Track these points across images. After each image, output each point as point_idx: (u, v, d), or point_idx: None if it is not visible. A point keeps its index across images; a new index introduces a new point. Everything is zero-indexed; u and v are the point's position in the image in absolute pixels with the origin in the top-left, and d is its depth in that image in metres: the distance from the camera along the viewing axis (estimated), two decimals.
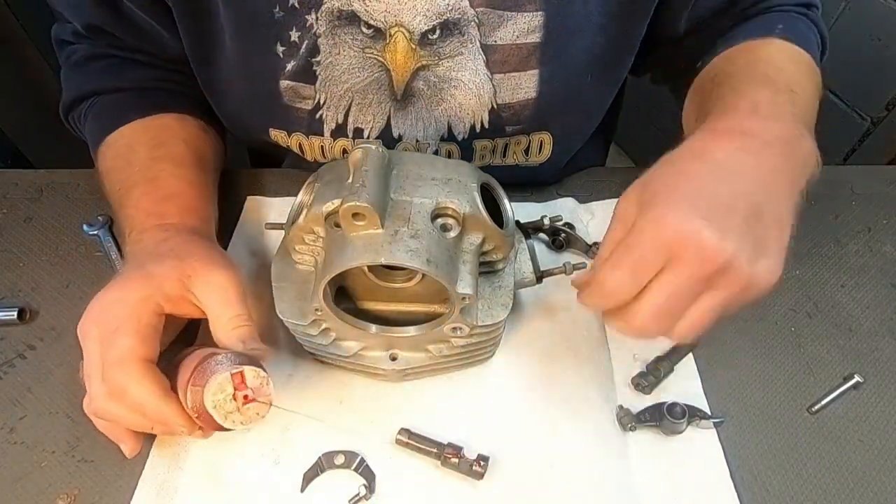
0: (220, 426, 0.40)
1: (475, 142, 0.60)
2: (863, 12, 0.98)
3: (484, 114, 0.57)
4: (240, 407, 0.39)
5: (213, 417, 0.39)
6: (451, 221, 0.42)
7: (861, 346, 0.53)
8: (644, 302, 0.37)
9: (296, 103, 0.56)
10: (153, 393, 0.40)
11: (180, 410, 0.40)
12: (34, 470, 0.46)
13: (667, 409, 0.47)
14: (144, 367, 0.40)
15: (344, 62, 0.53)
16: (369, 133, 0.58)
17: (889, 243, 0.62)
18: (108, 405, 0.41)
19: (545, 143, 0.61)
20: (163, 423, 0.41)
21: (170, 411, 0.40)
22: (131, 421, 0.42)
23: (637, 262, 0.36)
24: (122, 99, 0.59)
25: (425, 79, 0.54)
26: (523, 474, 0.45)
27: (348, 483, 0.45)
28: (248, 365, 0.40)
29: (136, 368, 0.40)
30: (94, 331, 0.42)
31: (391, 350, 0.48)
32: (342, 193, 0.39)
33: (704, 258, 0.35)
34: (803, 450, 0.47)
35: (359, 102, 0.55)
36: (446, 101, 0.55)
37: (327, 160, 0.60)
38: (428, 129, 0.58)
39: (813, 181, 0.43)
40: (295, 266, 0.46)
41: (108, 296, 0.43)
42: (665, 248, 0.36)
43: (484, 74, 0.53)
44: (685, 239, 0.35)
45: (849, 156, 1.10)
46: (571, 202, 0.63)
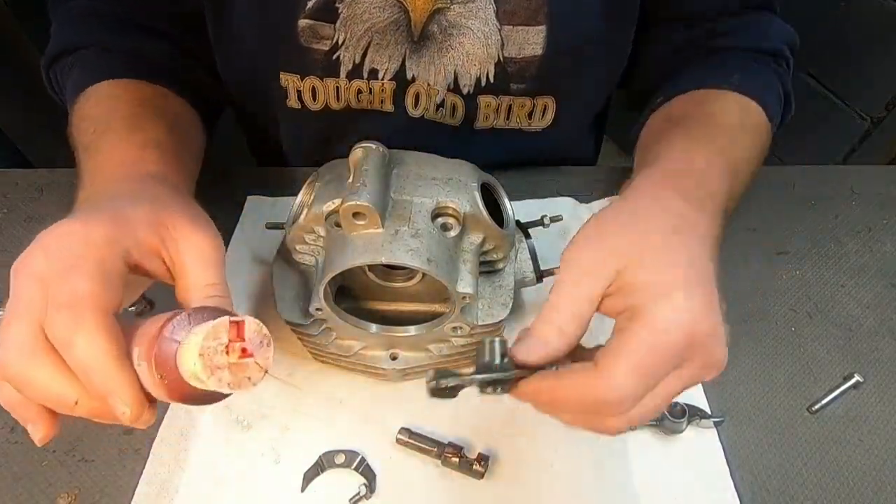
0: (191, 392, 0.30)
1: (480, 97, 0.60)
2: (863, 12, 0.98)
3: (490, 66, 0.57)
4: (230, 364, 0.30)
5: (185, 378, 0.30)
6: (452, 221, 0.42)
7: (861, 345, 0.53)
8: (645, 407, 0.32)
9: (312, 44, 0.56)
10: (108, 352, 0.30)
11: (134, 381, 0.31)
12: (34, 470, 0.46)
13: (667, 408, 0.47)
14: (103, 317, 0.31)
15: (366, 1, 0.53)
16: (384, 74, 0.58)
17: (889, 243, 0.62)
18: (30, 363, 0.31)
19: (549, 108, 0.62)
20: (103, 397, 0.31)
21: (123, 380, 0.30)
22: (55, 390, 0.31)
23: (657, 367, 0.32)
24: (115, 58, 0.57)
25: (438, 23, 0.55)
26: (523, 474, 0.45)
27: (349, 482, 0.45)
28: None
29: (92, 317, 0.30)
30: (38, 265, 0.32)
31: (391, 350, 0.48)
32: (342, 193, 0.39)
33: (714, 363, 0.33)
34: (803, 449, 0.47)
35: (377, 43, 0.56)
36: (454, 48, 0.56)
37: (339, 104, 0.61)
38: (438, 76, 0.58)
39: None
40: (295, 266, 0.46)
41: (65, 229, 0.34)
42: (685, 349, 0.32)
43: (493, 24, 0.54)
44: (706, 340, 0.32)
45: (849, 156, 1.10)
46: (571, 202, 0.64)
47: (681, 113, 0.54)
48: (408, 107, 0.61)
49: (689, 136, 0.48)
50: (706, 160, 0.44)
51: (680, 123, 0.51)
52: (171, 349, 0.30)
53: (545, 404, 0.34)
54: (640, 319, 0.32)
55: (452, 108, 0.61)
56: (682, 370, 0.33)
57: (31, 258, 0.33)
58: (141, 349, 0.31)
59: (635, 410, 0.32)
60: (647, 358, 0.31)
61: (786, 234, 0.62)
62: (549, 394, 0.33)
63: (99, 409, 0.32)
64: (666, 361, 0.32)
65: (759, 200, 0.64)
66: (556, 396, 0.32)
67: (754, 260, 0.60)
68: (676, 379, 0.33)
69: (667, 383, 0.32)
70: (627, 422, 0.32)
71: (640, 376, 0.31)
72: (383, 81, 0.59)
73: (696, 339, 0.32)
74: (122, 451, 0.46)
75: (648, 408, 0.32)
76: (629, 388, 0.31)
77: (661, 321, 0.32)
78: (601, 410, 0.32)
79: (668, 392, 0.33)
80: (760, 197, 0.64)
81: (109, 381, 0.30)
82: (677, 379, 0.33)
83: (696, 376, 0.33)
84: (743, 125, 0.52)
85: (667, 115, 0.56)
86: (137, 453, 0.46)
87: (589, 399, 0.31)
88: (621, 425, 0.33)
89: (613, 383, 0.30)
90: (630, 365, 0.31)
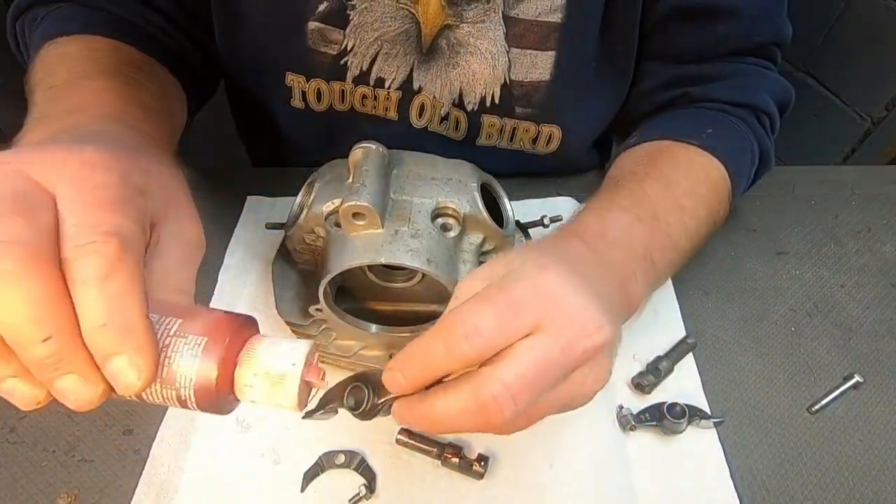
0: (214, 399, 0.27)
1: (483, 115, 0.60)
2: (863, 12, 0.98)
3: (496, 87, 0.57)
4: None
5: (232, 386, 0.27)
6: (452, 221, 0.42)
7: (861, 345, 0.53)
8: (504, 368, 0.30)
9: (321, 47, 0.56)
10: (141, 304, 0.24)
11: (157, 346, 0.25)
12: (34, 470, 0.46)
13: (667, 408, 0.47)
14: (140, 266, 0.26)
15: (378, 9, 0.53)
16: (390, 84, 0.58)
17: (889, 243, 0.62)
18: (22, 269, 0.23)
19: (554, 136, 0.62)
20: (97, 356, 0.24)
21: (149, 339, 0.24)
22: (24, 322, 0.23)
23: (509, 308, 0.30)
24: (104, 17, 0.52)
25: (447, 38, 0.54)
26: (523, 474, 0.45)
27: (349, 483, 0.45)
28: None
29: (132, 259, 0.25)
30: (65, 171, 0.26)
31: (391, 350, 0.48)
32: (342, 193, 0.39)
33: (584, 328, 0.31)
34: (803, 450, 0.47)
35: (386, 52, 0.56)
36: (461, 65, 0.56)
37: (344, 106, 0.60)
38: (444, 89, 0.58)
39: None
40: (295, 266, 0.46)
41: (89, 157, 0.27)
42: (542, 304, 0.31)
43: (501, 46, 0.54)
44: (567, 297, 0.32)
45: (849, 156, 1.10)
46: (571, 202, 0.64)
47: (636, 167, 0.53)
48: (412, 117, 0.61)
49: (630, 200, 0.47)
50: (629, 229, 0.44)
51: (631, 181, 0.50)
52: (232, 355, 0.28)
53: (409, 370, 0.32)
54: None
55: (456, 122, 0.61)
56: (542, 322, 0.31)
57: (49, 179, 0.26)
58: (192, 325, 0.27)
59: (505, 367, 0.30)
60: (493, 292, 0.31)
61: (786, 234, 0.62)
62: (411, 352, 0.31)
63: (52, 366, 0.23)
64: (514, 299, 0.31)
65: (759, 200, 0.64)
66: (417, 351, 0.31)
67: (754, 260, 0.60)
68: (540, 333, 0.30)
69: (530, 339, 0.30)
70: (502, 385, 0.30)
71: (489, 307, 0.30)
72: (389, 90, 0.58)
73: (546, 289, 0.31)
74: (122, 452, 0.46)
75: (520, 365, 0.30)
76: (475, 314, 0.30)
77: (511, 274, 0.32)
78: (456, 350, 0.30)
79: (532, 347, 0.30)
80: (760, 197, 0.64)
81: (133, 335, 0.24)
82: (541, 333, 0.30)
83: (563, 335, 0.31)
84: (696, 193, 0.50)
85: (632, 159, 0.55)
86: (137, 454, 0.46)
87: (442, 337, 0.30)
88: (497, 390, 0.30)
89: (461, 313, 0.30)
90: (477, 298, 0.31)
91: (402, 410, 0.33)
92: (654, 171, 0.50)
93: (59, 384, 0.24)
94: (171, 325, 0.27)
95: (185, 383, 0.26)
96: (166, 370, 0.26)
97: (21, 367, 0.24)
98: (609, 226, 0.43)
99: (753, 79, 0.57)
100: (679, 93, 0.58)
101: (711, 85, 0.57)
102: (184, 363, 0.26)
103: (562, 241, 0.41)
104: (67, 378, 0.24)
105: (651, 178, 0.49)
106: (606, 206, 0.46)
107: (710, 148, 0.53)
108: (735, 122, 0.56)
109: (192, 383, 0.26)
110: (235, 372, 0.27)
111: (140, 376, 0.24)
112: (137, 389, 0.25)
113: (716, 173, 0.53)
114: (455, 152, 0.62)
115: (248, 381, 0.27)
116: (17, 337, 0.23)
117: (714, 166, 0.53)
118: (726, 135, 0.55)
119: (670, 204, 0.48)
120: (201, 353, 0.26)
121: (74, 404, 0.24)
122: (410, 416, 0.32)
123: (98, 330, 0.23)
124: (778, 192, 0.66)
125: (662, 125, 0.58)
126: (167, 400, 0.27)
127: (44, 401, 0.25)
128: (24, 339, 0.23)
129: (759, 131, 0.57)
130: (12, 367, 0.24)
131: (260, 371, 0.27)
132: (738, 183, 0.55)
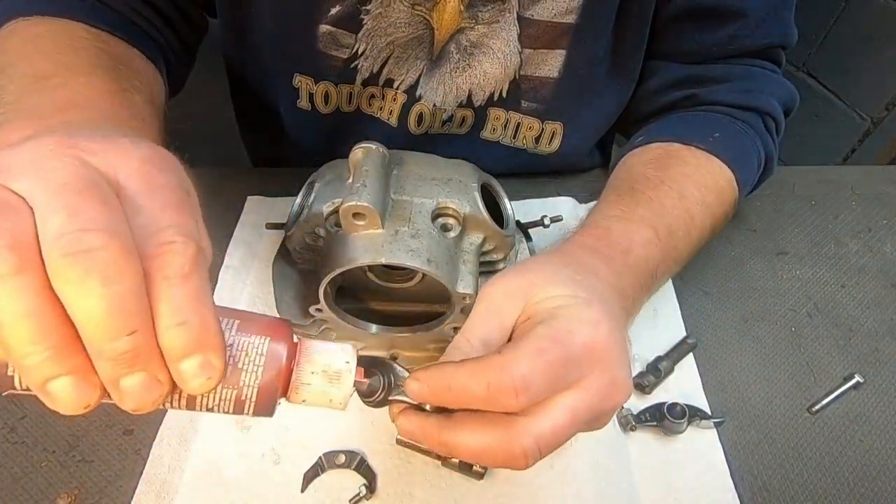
0: (267, 401, 0.27)
1: (490, 109, 0.60)
2: (863, 12, 0.98)
3: (505, 84, 0.57)
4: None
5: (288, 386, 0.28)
6: (452, 221, 0.42)
7: (861, 346, 0.53)
8: (540, 423, 0.30)
9: (331, 51, 0.55)
10: (210, 300, 0.24)
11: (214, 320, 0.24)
12: (34, 470, 0.46)
13: (667, 409, 0.47)
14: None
15: (392, 15, 0.53)
16: (399, 85, 0.58)
17: (889, 243, 0.62)
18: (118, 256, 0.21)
19: (556, 134, 0.62)
20: (173, 356, 0.23)
21: (220, 333, 0.24)
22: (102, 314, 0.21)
23: (563, 367, 0.31)
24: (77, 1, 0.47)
25: (457, 42, 0.54)
26: (523, 474, 0.45)
27: (349, 483, 0.45)
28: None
29: (203, 257, 0.24)
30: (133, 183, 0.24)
31: (392, 350, 0.48)
32: (342, 193, 0.39)
33: (618, 391, 0.32)
34: (803, 450, 0.47)
35: (397, 56, 0.56)
36: (473, 67, 0.56)
37: (350, 107, 0.60)
38: (448, 96, 0.58)
39: None
40: (295, 266, 0.46)
41: (152, 151, 0.26)
42: (590, 362, 0.31)
43: (514, 46, 0.54)
44: (613, 359, 0.32)
45: (849, 156, 1.10)
46: (571, 202, 0.63)
47: (647, 170, 0.53)
48: (410, 124, 0.61)
49: (648, 209, 0.47)
50: (637, 237, 0.44)
51: (645, 187, 0.50)
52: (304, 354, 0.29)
53: (440, 392, 0.31)
54: (543, 322, 0.32)
55: (462, 119, 0.61)
56: (585, 381, 0.31)
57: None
58: (246, 324, 0.27)
59: (542, 422, 0.30)
60: (549, 345, 0.31)
61: (786, 234, 0.62)
62: (447, 378, 0.31)
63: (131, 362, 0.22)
64: (568, 358, 0.31)
65: (759, 200, 0.64)
66: (454, 381, 0.30)
67: (754, 260, 0.60)
68: (581, 391, 0.31)
69: (571, 396, 0.31)
70: (535, 439, 0.30)
71: (543, 362, 0.30)
72: (396, 91, 0.58)
73: (597, 349, 0.32)
74: (123, 452, 0.46)
75: (556, 421, 0.31)
76: (529, 368, 0.30)
77: (565, 321, 0.32)
78: (501, 398, 0.30)
79: (572, 406, 0.31)
80: (760, 197, 0.64)
81: (210, 334, 0.23)
82: (582, 391, 0.31)
83: (600, 395, 0.32)
84: (704, 202, 0.50)
85: (641, 161, 0.55)
86: (137, 454, 0.46)
87: (488, 380, 0.30)
88: (529, 444, 0.30)
89: (514, 363, 0.30)
90: (532, 349, 0.31)
91: (410, 425, 0.33)
92: (668, 178, 0.50)
93: (126, 382, 0.22)
94: (231, 325, 0.27)
95: (251, 382, 0.26)
96: (231, 370, 0.26)
97: (81, 363, 0.22)
98: (634, 241, 0.43)
99: (760, 81, 0.58)
100: (686, 94, 0.58)
101: (718, 87, 0.57)
102: (250, 362, 0.26)
103: (591, 263, 0.40)
104: (135, 377, 0.22)
105: (666, 185, 0.50)
106: (629, 215, 0.46)
107: (718, 153, 0.53)
108: (742, 127, 0.56)
109: (258, 381, 0.26)
110: (294, 370, 0.28)
111: (213, 376, 0.24)
112: (208, 390, 0.24)
113: (723, 180, 0.53)
114: (458, 146, 0.62)
115: (307, 380, 0.28)
116: (105, 328, 0.21)
117: (721, 173, 0.53)
118: (734, 140, 0.55)
119: (682, 215, 0.48)
120: (267, 352, 0.27)
121: (134, 404, 0.23)
122: (424, 434, 0.32)
123: (177, 328, 0.23)
124: (778, 192, 0.66)
125: (670, 127, 0.58)
126: (221, 403, 0.26)
127: (94, 404, 0.23)
128: (114, 331, 0.21)
129: (764, 137, 0.57)
130: (71, 363, 0.22)
131: (318, 369, 0.28)
132: (744, 189, 0.55)
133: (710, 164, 0.53)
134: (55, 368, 0.21)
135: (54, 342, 0.21)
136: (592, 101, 0.60)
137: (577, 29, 0.53)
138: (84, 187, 0.22)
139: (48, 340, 0.21)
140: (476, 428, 0.31)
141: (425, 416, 0.32)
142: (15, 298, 0.20)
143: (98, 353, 0.22)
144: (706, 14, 0.54)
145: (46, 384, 0.21)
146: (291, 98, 0.60)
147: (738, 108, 0.57)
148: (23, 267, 0.20)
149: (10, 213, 0.21)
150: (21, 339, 0.20)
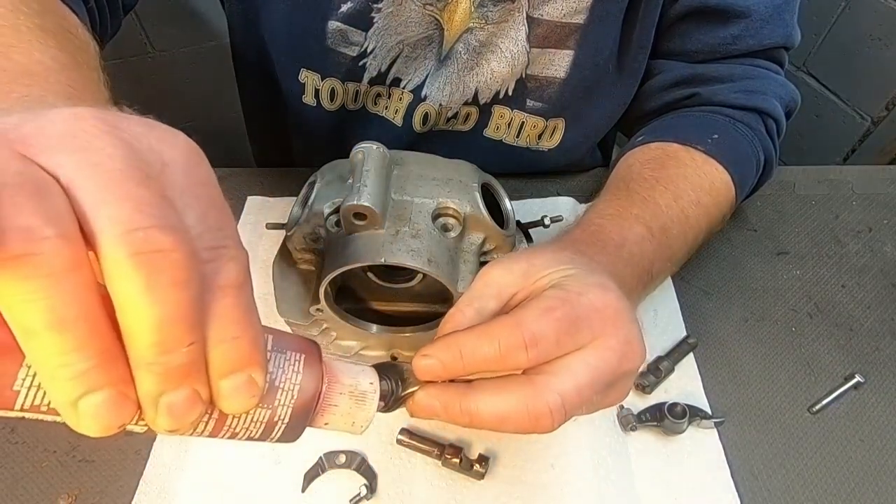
0: (297, 420, 0.26)
1: (494, 107, 0.60)
2: (863, 12, 0.98)
3: (512, 83, 0.58)
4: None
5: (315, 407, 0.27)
6: (452, 221, 0.42)
7: (862, 346, 0.53)
8: (563, 380, 0.30)
9: (339, 48, 0.55)
10: (256, 314, 0.22)
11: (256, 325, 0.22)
12: (35, 470, 0.46)
13: (667, 408, 0.47)
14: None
15: (404, 14, 0.53)
16: (406, 85, 0.58)
17: (889, 243, 0.62)
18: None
19: (558, 129, 0.62)
20: (225, 367, 0.21)
21: (263, 347, 0.22)
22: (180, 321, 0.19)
23: (571, 324, 0.30)
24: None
25: (466, 41, 0.54)
26: (524, 474, 0.45)
27: (349, 483, 0.45)
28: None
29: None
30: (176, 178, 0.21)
31: (392, 350, 0.48)
32: (343, 193, 0.39)
33: (634, 351, 0.32)
34: (804, 450, 0.47)
35: (406, 55, 0.56)
36: (480, 66, 0.56)
37: (356, 105, 0.60)
38: (454, 94, 0.58)
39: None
40: (295, 266, 0.46)
41: (188, 145, 0.22)
42: (601, 322, 0.31)
43: (523, 45, 0.54)
44: (625, 319, 0.32)
45: (849, 156, 1.10)
46: (572, 202, 0.64)
47: (644, 171, 0.53)
48: (415, 124, 0.61)
49: (642, 208, 0.47)
50: (635, 239, 0.44)
51: (641, 187, 0.50)
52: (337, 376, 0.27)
53: (451, 362, 0.30)
54: (552, 286, 0.32)
55: (466, 115, 0.61)
56: (600, 340, 0.31)
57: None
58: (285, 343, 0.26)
59: (564, 380, 0.30)
60: (558, 304, 0.31)
61: (786, 234, 0.62)
62: (457, 345, 0.30)
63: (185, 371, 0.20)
64: (577, 316, 0.31)
65: (759, 200, 0.64)
66: (465, 347, 0.30)
67: (754, 260, 0.60)
68: (598, 349, 0.31)
69: (589, 353, 0.31)
70: (560, 395, 0.30)
71: (552, 319, 0.30)
72: (403, 91, 0.58)
73: (608, 309, 0.32)
74: (123, 452, 0.46)
75: (578, 379, 0.30)
76: (538, 325, 0.30)
77: (574, 283, 0.32)
78: (514, 354, 0.30)
79: (592, 364, 0.31)
80: (760, 197, 0.64)
81: (259, 351, 0.22)
82: (600, 349, 0.31)
83: (617, 353, 0.31)
84: (700, 203, 0.50)
85: (639, 161, 0.55)
86: (138, 454, 0.46)
87: (499, 339, 0.30)
88: (554, 401, 0.29)
89: (525, 321, 0.30)
90: (541, 307, 0.31)
91: (429, 400, 0.31)
92: (664, 178, 0.51)
93: (169, 399, 0.19)
94: (266, 339, 0.24)
95: (286, 401, 0.24)
96: (268, 388, 0.24)
97: (121, 376, 0.19)
98: (627, 238, 0.43)
99: (762, 82, 0.58)
100: (688, 93, 0.59)
101: (721, 86, 0.57)
102: (286, 379, 0.24)
103: (588, 252, 0.40)
104: (180, 393, 0.20)
105: (661, 185, 0.50)
106: (623, 213, 0.46)
107: (716, 155, 0.53)
108: (742, 130, 0.56)
109: (294, 400, 0.25)
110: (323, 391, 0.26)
111: (255, 394, 0.22)
112: (247, 410, 0.22)
113: (720, 182, 0.53)
114: (460, 143, 0.62)
115: (335, 401, 0.27)
116: (164, 338, 0.18)
117: (719, 175, 0.53)
118: (733, 142, 0.55)
119: (677, 214, 0.48)
120: (303, 369, 0.25)
121: (175, 424, 0.20)
122: (444, 406, 0.31)
123: (231, 342, 0.20)
124: (778, 192, 0.66)
125: (670, 127, 0.58)
126: (251, 425, 0.24)
127: (128, 423, 0.20)
128: (175, 341, 0.19)
129: (765, 140, 0.57)
130: (112, 375, 0.19)
131: (346, 390, 0.27)
132: (741, 191, 0.55)
133: (707, 165, 0.53)
134: (96, 380, 0.18)
135: (99, 350, 0.18)
136: (597, 100, 0.60)
137: (585, 29, 0.53)
138: (142, 178, 0.19)
139: (93, 348, 0.18)
140: (498, 390, 0.30)
141: (444, 386, 0.31)
142: (66, 299, 0.17)
143: (146, 365, 0.19)
144: (711, 14, 0.54)
145: (80, 399, 0.18)
146: (296, 92, 0.60)
147: (740, 109, 0.57)
148: (79, 262, 0.17)
149: (52, 196, 0.17)
150: (63, 345, 0.17)
